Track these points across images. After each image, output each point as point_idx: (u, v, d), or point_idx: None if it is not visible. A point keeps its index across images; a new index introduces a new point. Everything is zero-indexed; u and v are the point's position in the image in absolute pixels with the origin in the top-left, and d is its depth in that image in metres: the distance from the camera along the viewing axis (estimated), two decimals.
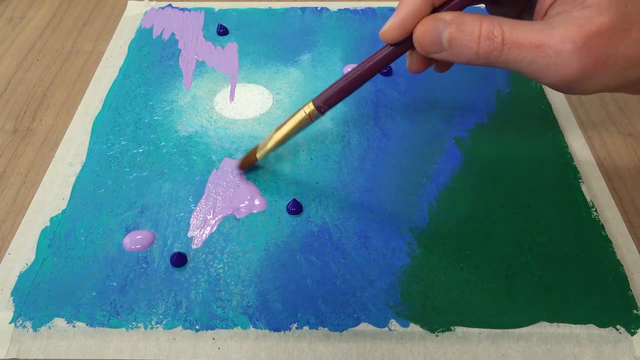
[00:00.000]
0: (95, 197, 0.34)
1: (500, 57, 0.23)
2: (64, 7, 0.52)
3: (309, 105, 0.30)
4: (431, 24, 0.24)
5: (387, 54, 0.27)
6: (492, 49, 0.23)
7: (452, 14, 0.24)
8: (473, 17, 0.24)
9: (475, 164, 0.36)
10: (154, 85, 0.42)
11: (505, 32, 0.23)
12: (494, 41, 0.23)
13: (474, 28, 0.23)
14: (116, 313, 0.28)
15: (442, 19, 0.24)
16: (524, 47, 0.23)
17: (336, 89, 0.28)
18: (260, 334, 0.28)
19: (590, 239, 0.32)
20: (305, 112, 0.30)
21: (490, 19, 0.23)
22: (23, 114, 0.41)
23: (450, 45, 0.24)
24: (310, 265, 0.31)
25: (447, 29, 0.24)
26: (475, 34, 0.23)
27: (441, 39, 0.24)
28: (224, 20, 0.49)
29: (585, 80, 0.23)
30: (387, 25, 0.26)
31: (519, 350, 0.27)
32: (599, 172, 0.36)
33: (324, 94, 0.29)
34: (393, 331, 0.28)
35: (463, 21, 0.24)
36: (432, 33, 0.24)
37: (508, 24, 0.23)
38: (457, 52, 0.24)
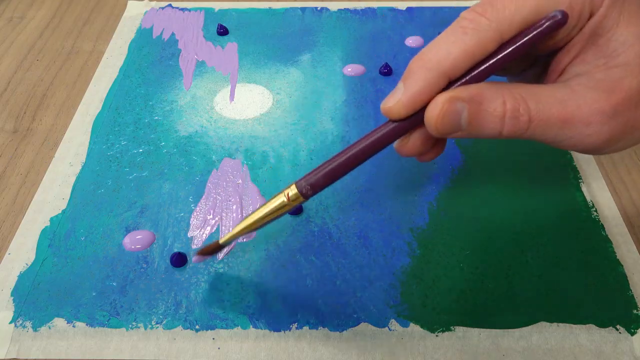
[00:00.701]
0: (95, 197, 0.34)
1: (526, 134, 0.21)
2: (64, 7, 0.52)
3: (291, 188, 0.24)
4: (449, 107, 0.21)
5: (389, 131, 0.22)
6: (518, 128, 0.21)
7: (470, 90, 0.21)
8: (493, 92, 0.21)
9: (475, 164, 0.36)
10: (154, 85, 0.42)
11: (532, 109, 0.21)
12: (520, 120, 0.21)
13: (497, 107, 0.21)
14: (116, 313, 0.28)
15: (459, 98, 0.21)
16: (551, 123, 0.21)
17: (325, 170, 0.23)
18: (260, 334, 0.28)
19: (590, 239, 0.32)
20: (286, 196, 0.24)
21: (511, 92, 0.21)
22: (23, 114, 0.41)
23: (470, 125, 0.21)
24: (310, 265, 0.31)
25: (466, 108, 0.21)
26: (499, 113, 0.21)
27: (460, 120, 0.21)
28: (224, 20, 0.49)
29: (612, 145, 0.21)
30: (394, 100, 0.22)
31: (519, 350, 0.27)
32: (599, 172, 0.36)
33: (310, 176, 0.24)
34: (393, 331, 0.28)
35: (484, 98, 0.21)
36: (450, 116, 0.21)
37: (531, 96, 0.21)
38: (478, 132, 0.21)
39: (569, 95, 0.21)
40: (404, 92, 0.21)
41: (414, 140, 0.23)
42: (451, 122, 0.21)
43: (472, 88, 0.21)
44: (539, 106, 0.21)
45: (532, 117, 0.21)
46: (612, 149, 0.22)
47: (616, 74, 0.21)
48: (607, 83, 0.21)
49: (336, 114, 0.40)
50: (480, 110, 0.21)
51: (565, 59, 0.22)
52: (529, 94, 0.21)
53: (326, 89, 0.42)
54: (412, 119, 0.22)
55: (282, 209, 0.25)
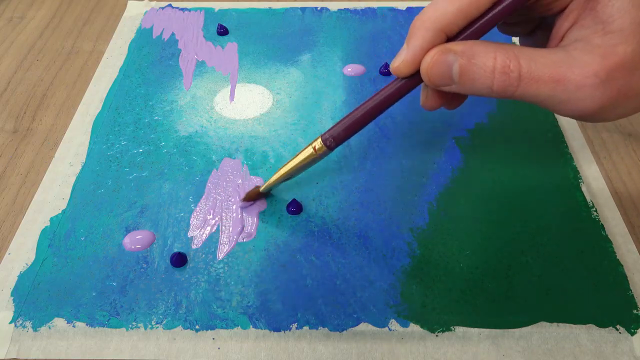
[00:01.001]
0: (95, 197, 0.34)
1: (517, 92, 0.21)
2: (64, 7, 0.52)
3: (318, 141, 0.28)
4: (440, 56, 0.22)
5: (398, 87, 0.25)
6: (508, 84, 0.21)
7: (464, 44, 0.22)
8: (486, 48, 0.21)
9: (475, 164, 0.36)
10: (154, 85, 0.42)
11: (523, 66, 0.21)
12: (510, 76, 0.21)
13: (488, 61, 0.21)
14: (116, 313, 0.28)
15: (452, 50, 0.22)
16: (542, 82, 0.21)
17: (345, 124, 0.27)
18: (260, 334, 0.28)
19: (590, 239, 0.32)
20: (314, 148, 0.28)
21: (504, 49, 0.21)
22: (23, 114, 0.41)
23: (461, 78, 0.22)
24: (310, 265, 0.31)
25: (458, 61, 0.22)
26: (489, 67, 0.21)
27: (451, 72, 0.22)
28: (224, 20, 0.49)
29: (606, 112, 0.21)
30: (399, 60, 0.23)
31: (519, 350, 0.27)
32: (599, 173, 0.36)
33: (332, 129, 0.27)
34: (393, 331, 0.28)
35: (475, 52, 0.21)
36: (441, 65, 0.22)
37: (525, 55, 0.21)
38: (469, 86, 0.22)
39: (563, 58, 0.21)
40: (407, 52, 0.23)
41: (432, 96, 0.25)
42: (442, 73, 0.22)
43: (466, 43, 0.22)
44: (530, 64, 0.21)
45: (522, 74, 0.21)
46: (607, 116, 0.22)
47: (611, 39, 0.21)
48: (602, 48, 0.21)
49: (336, 114, 0.40)
50: (471, 64, 0.21)
51: (565, 25, 0.22)
52: (521, 53, 0.21)
53: (326, 89, 0.42)
54: (418, 76, 0.24)
55: (310, 158, 0.29)
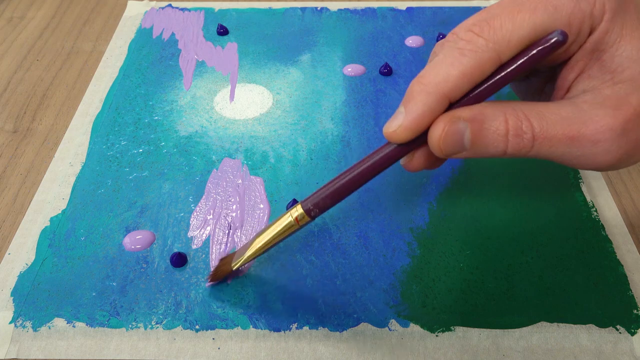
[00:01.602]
0: (95, 197, 0.34)
1: (531, 152, 0.21)
2: (64, 7, 0.52)
3: (297, 209, 0.25)
4: (451, 127, 0.21)
5: (390, 153, 0.23)
6: (522, 146, 0.20)
7: (471, 110, 0.21)
8: (495, 111, 0.21)
9: (475, 164, 0.36)
10: (154, 85, 0.42)
11: (535, 127, 0.20)
12: (524, 138, 0.20)
13: (499, 125, 0.20)
14: (116, 313, 0.28)
15: (461, 118, 0.21)
16: (556, 140, 0.20)
17: (330, 190, 0.24)
18: (260, 334, 0.28)
19: (590, 239, 0.32)
20: (292, 217, 0.25)
21: (514, 110, 0.21)
22: (23, 114, 0.41)
23: (474, 145, 0.21)
24: (310, 265, 0.31)
25: (469, 128, 0.21)
26: (502, 131, 0.20)
27: (463, 140, 0.21)
28: (224, 20, 0.49)
29: (623, 163, 0.21)
30: (396, 125, 0.21)
31: (519, 350, 0.27)
32: (599, 173, 0.36)
33: (315, 196, 0.24)
34: (393, 331, 0.28)
35: (485, 117, 0.21)
36: (453, 136, 0.21)
37: (535, 114, 0.20)
38: (481, 151, 0.21)
39: (575, 113, 0.20)
40: (405, 117, 0.21)
41: (419, 158, 0.23)
42: (454, 143, 0.21)
43: (474, 108, 0.21)
44: (542, 123, 0.20)
45: (535, 135, 0.20)
46: (623, 165, 0.21)
47: (622, 89, 0.20)
48: (614, 99, 0.20)
49: (336, 114, 0.40)
50: (483, 129, 0.21)
51: (571, 76, 0.22)
52: (532, 112, 0.20)
53: (326, 89, 0.42)
54: (415, 142, 0.22)
55: (290, 230, 0.26)
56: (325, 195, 0.24)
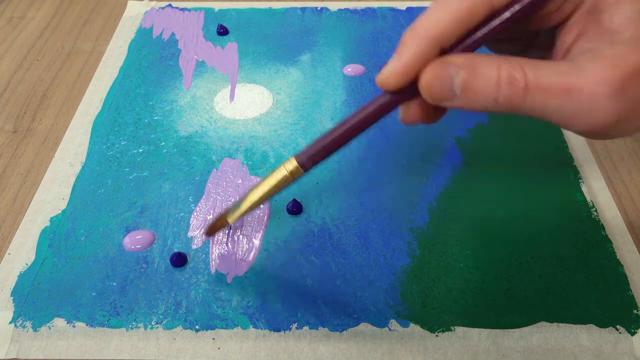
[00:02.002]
0: (95, 197, 0.34)
1: (524, 104, 0.20)
2: (64, 7, 0.52)
3: (292, 162, 0.25)
4: (440, 69, 0.20)
5: (384, 103, 0.22)
6: (514, 95, 0.20)
7: (464, 56, 0.20)
8: (489, 59, 0.20)
9: (475, 164, 0.36)
10: (154, 85, 0.42)
11: (529, 75, 0.20)
12: (516, 86, 0.20)
13: (492, 71, 0.20)
14: (116, 313, 0.28)
15: (453, 62, 0.20)
16: (550, 92, 0.19)
17: (324, 143, 0.24)
18: (260, 334, 0.28)
19: (590, 239, 0.32)
20: (287, 170, 0.25)
21: (508, 60, 0.20)
22: (23, 114, 0.41)
23: (464, 92, 0.20)
24: (310, 265, 0.31)
25: (460, 73, 0.20)
26: (494, 78, 0.20)
27: (453, 85, 0.20)
28: (224, 20, 0.49)
29: (620, 126, 0.20)
30: (388, 72, 0.21)
31: (519, 350, 0.27)
32: (599, 172, 0.36)
33: (309, 150, 0.24)
34: (393, 331, 0.28)
35: (478, 64, 0.20)
36: (442, 80, 0.20)
37: (530, 65, 0.20)
38: (473, 99, 0.21)
39: (572, 67, 0.20)
40: (396, 61, 0.21)
41: (414, 109, 0.23)
42: (444, 87, 0.21)
43: (467, 55, 0.21)
44: (537, 73, 0.20)
45: (529, 84, 0.20)
46: (619, 131, 0.20)
47: (622, 50, 0.19)
48: (613, 58, 0.19)
49: (336, 114, 0.40)
50: (474, 76, 0.20)
51: (569, 37, 0.21)
52: (527, 63, 0.20)
53: (326, 89, 0.42)
54: (406, 90, 0.22)
55: (284, 183, 0.25)
56: (320, 148, 0.24)
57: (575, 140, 0.38)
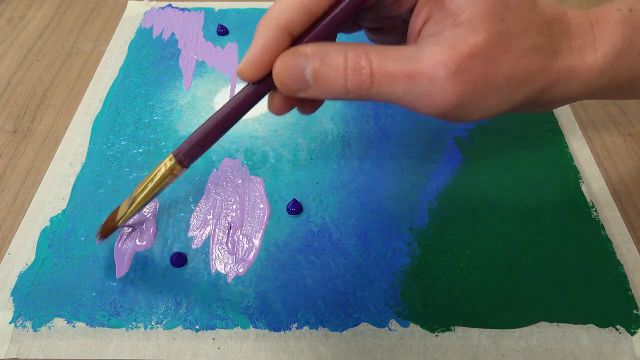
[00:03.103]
0: (95, 197, 0.34)
1: (372, 90, 0.21)
2: (64, 7, 0.52)
3: (170, 159, 0.25)
4: (290, 60, 0.21)
5: (248, 94, 0.23)
6: (361, 82, 0.21)
7: (314, 46, 0.21)
8: (337, 47, 0.21)
9: (475, 164, 0.36)
10: (154, 85, 0.42)
11: (373, 62, 0.20)
12: (362, 73, 0.20)
13: (339, 60, 0.20)
14: (116, 313, 0.28)
15: (303, 53, 0.21)
16: (395, 77, 0.20)
17: (196, 139, 0.24)
18: (260, 334, 0.28)
19: (590, 239, 0.32)
20: (167, 167, 0.25)
21: (355, 47, 0.21)
22: (23, 114, 0.41)
23: (316, 81, 0.21)
24: (310, 265, 0.31)
25: (310, 63, 0.21)
26: (341, 66, 0.20)
27: (304, 75, 0.21)
28: (224, 20, 0.49)
29: (465, 107, 0.21)
30: (243, 62, 0.21)
31: (519, 350, 0.27)
32: (599, 172, 0.36)
33: (184, 145, 0.24)
34: (393, 331, 0.28)
35: (327, 53, 0.21)
36: (293, 70, 0.21)
37: (376, 52, 0.21)
38: (325, 87, 0.21)
39: (415, 52, 0.20)
40: (250, 52, 0.21)
41: (278, 99, 0.23)
42: (295, 77, 0.21)
43: (317, 44, 0.21)
44: (381, 60, 0.20)
45: (373, 71, 0.20)
46: (468, 114, 0.21)
47: (462, 31, 0.20)
48: (452, 40, 0.20)
49: (336, 114, 0.40)
50: (324, 65, 0.21)
51: (418, 22, 0.22)
52: (373, 50, 0.21)
53: None
54: (268, 81, 0.22)
55: (167, 180, 0.26)
56: (194, 144, 0.24)
57: (576, 140, 0.38)
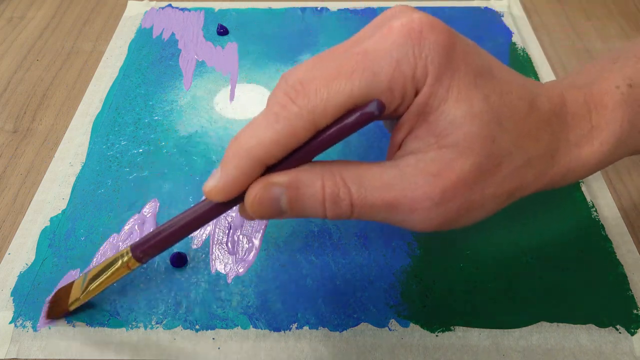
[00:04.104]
0: (95, 197, 0.34)
1: (352, 217, 0.20)
2: (64, 7, 0.52)
3: (127, 252, 0.25)
4: (265, 192, 0.20)
5: (214, 206, 0.22)
6: (341, 213, 0.20)
7: (287, 174, 0.20)
8: (312, 175, 0.20)
9: None
10: (154, 85, 0.42)
11: (353, 194, 0.20)
12: (341, 205, 0.20)
13: (316, 190, 0.20)
14: (116, 313, 0.28)
15: (276, 183, 0.20)
16: (375, 207, 0.20)
17: (156, 240, 0.24)
18: (260, 334, 0.28)
19: (590, 239, 0.32)
20: (123, 261, 0.25)
21: (331, 173, 0.20)
22: (23, 114, 0.41)
23: (292, 208, 0.20)
24: (310, 265, 0.31)
25: (285, 194, 0.20)
26: (319, 197, 0.20)
27: (280, 204, 0.20)
28: (224, 20, 0.49)
29: (449, 226, 0.21)
30: (211, 186, 0.20)
31: (519, 350, 0.27)
32: (599, 173, 0.36)
33: (143, 242, 0.24)
34: (393, 331, 0.28)
35: (301, 182, 0.20)
36: (267, 202, 0.20)
37: (354, 178, 0.20)
38: (301, 214, 0.21)
39: (396, 179, 0.20)
40: (219, 179, 0.20)
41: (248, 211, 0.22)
42: (270, 208, 0.20)
43: (290, 172, 0.20)
44: (360, 190, 0.20)
45: (354, 202, 0.20)
46: (451, 228, 0.21)
47: (446, 155, 0.19)
48: (436, 165, 0.19)
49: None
50: (299, 195, 0.20)
51: (400, 135, 0.21)
52: (351, 177, 0.20)
53: None
54: (235, 200, 0.21)
55: (123, 273, 0.26)
56: (153, 244, 0.24)
57: None
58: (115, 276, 0.26)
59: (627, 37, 0.48)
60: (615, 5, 0.52)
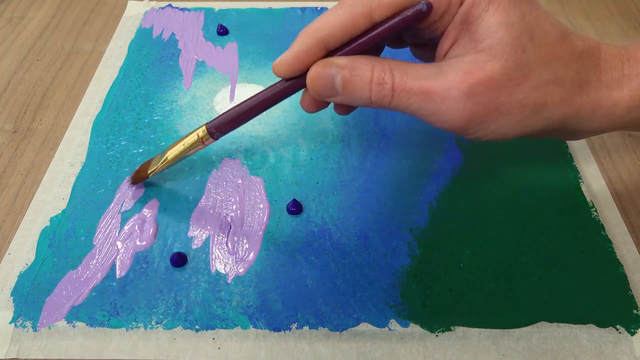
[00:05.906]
0: (95, 197, 0.34)
1: (392, 103, 0.23)
2: (64, 7, 0.52)
3: (203, 129, 0.29)
4: (323, 69, 0.23)
5: (282, 89, 0.26)
6: (383, 95, 0.23)
7: (346, 58, 0.23)
8: (366, 61, 0.23)
9: (475, 164, 0.36)
10: (154, 85, 0.42)
11: (396, 78, 0.22)
12: (385, 87, 0.23)
13: (366, 73, 0.23)
14: (116, 313, 0.28)
15: (334, 64, 0.23)
16: (412, 94, 0.22)
17: (230, 117, 0.27)
18: (260, 334, 0.28)
19: (590, 239, 0.32)
20: (198, 136, 0.29)
21: (381, 63, 0.23)
22: (23, 114, 0.41)
23: (345, 89, 0.23)
24: (310, 265, 0.31)
25: (340, 73, 0.23)
26: (367, 78, 0.23)
27: (334, 83, 0.23)
28: (224, 20, 0.49)
29: (477, 126, 0.22)
30: (279, 61, 0.25)
31: (519, 350, 0.27)
32: (599, 173, 0.36)
33: (217, 120, 0.28)
34: (393, 331, 0.28)
35: (356, 65, 0.23)
36: (324, 78, 0.23)
37: (400, 68, 0.23)
38: (352, 96, 0.24)
39: (434, 72, 0.22)
40: (286, 53, 0.24)
41: (308, 97, 0.26)
42: (325, 85, 0.24)
43: (349, 57, 0.23)
44: (402, 77, 0.22)
45: (395, 86, 0.22)
46: (479, 131, 0.23)
47: (481, 57, 0.22)
48: (471, 65, 0.22)
49: (336, 114, 0.40)
50: (352, 76, 0.23)
51: (446, 44, 0.24)
52: (397, 67, 0.23)
53: None
54: (300, 80, 0.25)
55: (196, 147, 0.30)
56: (227, 121, 0.27)
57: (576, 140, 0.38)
58: (189, 148, 0.30)
59: (627, 37, 0.48)
60: (615, 5, 0.52)
